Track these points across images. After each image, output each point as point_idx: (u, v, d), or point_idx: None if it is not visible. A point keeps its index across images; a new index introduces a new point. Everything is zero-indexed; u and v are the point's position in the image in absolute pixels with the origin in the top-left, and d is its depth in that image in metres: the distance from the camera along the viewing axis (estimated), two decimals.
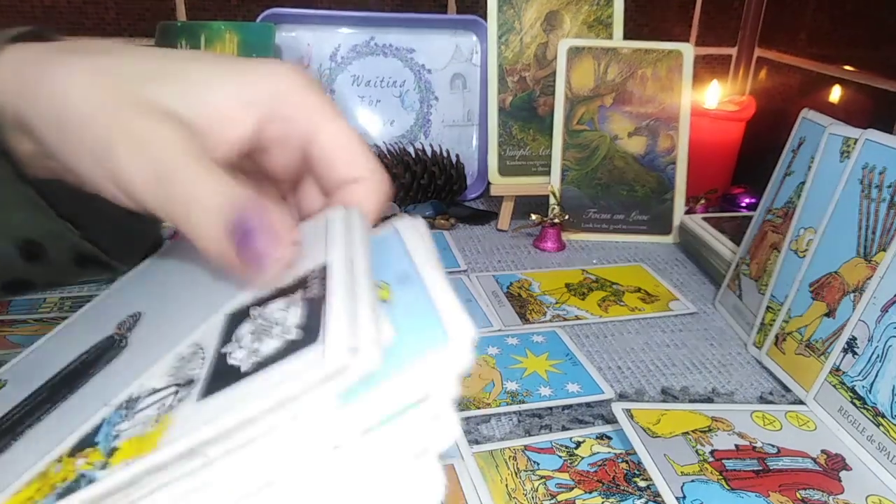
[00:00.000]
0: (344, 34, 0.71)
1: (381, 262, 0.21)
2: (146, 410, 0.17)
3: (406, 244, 0.22)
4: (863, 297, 0.38)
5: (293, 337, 0.17)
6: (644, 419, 0.37)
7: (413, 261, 0.21)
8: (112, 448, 0.17)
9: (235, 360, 0.18)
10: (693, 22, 0.81)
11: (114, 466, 0.16)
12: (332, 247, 0.20)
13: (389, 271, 0.21)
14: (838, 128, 0.43)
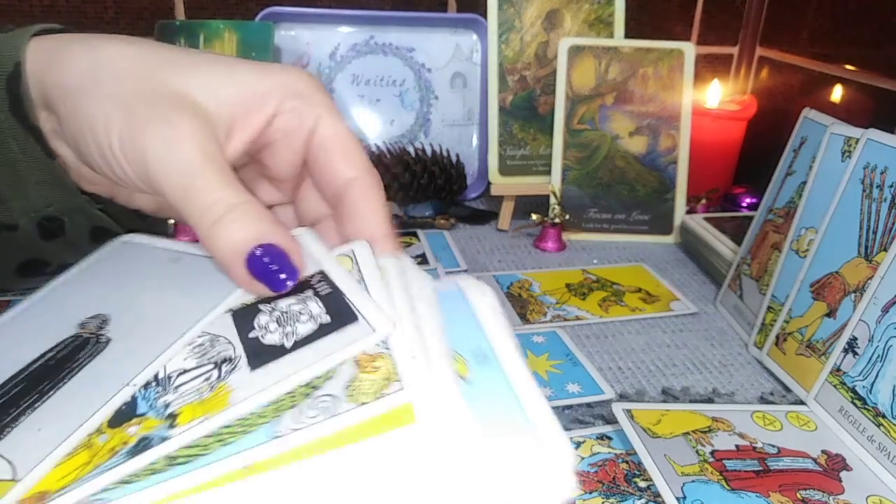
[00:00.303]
0: (343, 33, 0.71)
1: (451, 328, 0.21)
2: (189, 384, 0.20)
3: (477, 313, 0.22)
4: (864, 297, 0.38)
5: (326, 321, 0.21)
6: (644, 419, 0.37)
7: (489, 338, 0.21)
8: (169, 414, 0.19)
9: (272, 341, 0.21)
10: (694, 21, 0.81)
11: (184, 425, 0.19)
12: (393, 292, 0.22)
13: (463, 343, 0.21)
14: (840, 127, 0.43)
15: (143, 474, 0.18)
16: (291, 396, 0.19)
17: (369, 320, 0.21)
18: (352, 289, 0.22)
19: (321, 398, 0.19)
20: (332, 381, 0.19)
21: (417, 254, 0.59)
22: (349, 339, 0.21)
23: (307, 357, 0.20)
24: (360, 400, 0.19)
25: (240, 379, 0.20)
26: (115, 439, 0.19)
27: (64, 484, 0.18)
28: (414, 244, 0.61)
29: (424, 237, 0.62)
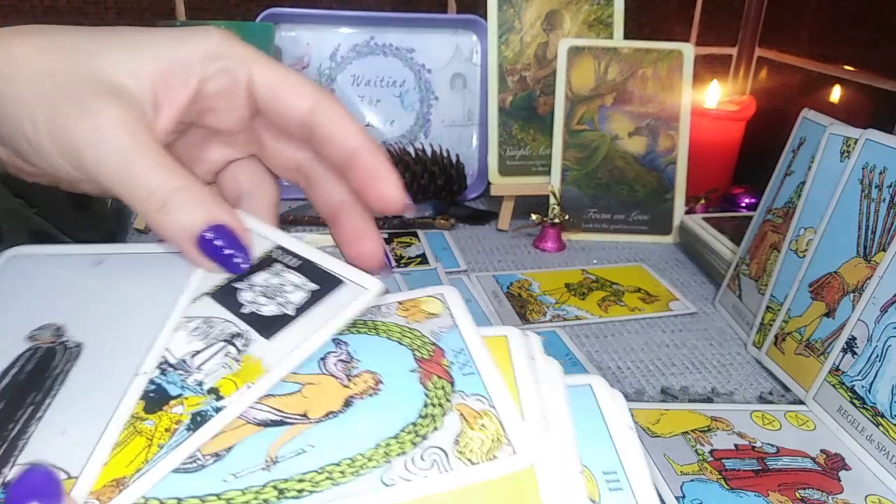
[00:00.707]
0: (344, 34, 0.71)
1: (581, 440, 0.20)
2: (210, 362, 0.21)
3: (609, 425, 0.21)
4: (862, 296, 0.38)
5: (314, 287, 0.23)
6: (644, 419, 0.37)
7: (623, 462, 0.20)
8: (210, 389, 0.20)
9: (271, 312, 0.22)
10: (693, 21, 0.81)
11: (231, 395, 0.20)
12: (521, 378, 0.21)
13: (594, 460, 0.20)
14: (839, 128, 0.43)
15: (254, 502, 0.18)
16: (399, 442, 0.19)
17: (356, 281, 0.23)
18: (320, 257, 0.24)
19: (431, 450, 0.19)
20: (439, 432, 0.19)
21: (417, 253, 0.59)
22: (347, 299, 0.22)
23: (317, 318, 0.22)
24: (472, 460, 0.18)
25: (262, 348, 0.21)
26: (164, 421, 0.19)
27: (137, 467, 0.18)
28: (414, 244, 0.61)
29: (424, 237, 0.63)
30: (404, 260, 0.58)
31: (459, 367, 0.21)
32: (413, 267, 0.56)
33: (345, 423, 0.20)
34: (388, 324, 0.24)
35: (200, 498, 0.18)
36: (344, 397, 0.21)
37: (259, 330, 0.22)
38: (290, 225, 0.65)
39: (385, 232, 0.63)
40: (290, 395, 0.21)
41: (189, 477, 0.18)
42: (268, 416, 0.20)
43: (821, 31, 0.70)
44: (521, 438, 0.19)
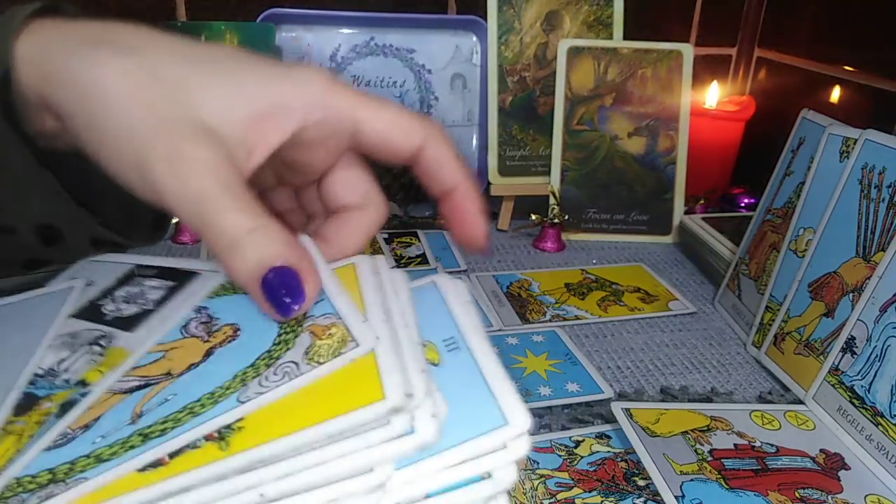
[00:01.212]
0: (344, 34, 0.71)
1: (425, 321, 0.22)
2: (76, 363, 0.22)
3: (449, 306, 0.24)
4: (862, 296, 0.38)
5: (171, 284, 0.25)
6: (643, 418, 0.37)
7: (459, 328, 0.23)
8: (77, 381, 0.22)
9: (133, 311, 0.24)
10: (693, 22, 0.81)
11: (97, 381, 0.21)
12: (368, 291, 0.23)
13: (435, 333, 0.23)
14: (838, 128, 0.43)
15: (120, 451, 0.19)
16: (254, 368, 0.21)
17: (211, 269, 0.25)
18: (175, 262, 0.26)
19: (283, 365, 0.20)
20: (291, 351, 0.21)
21: (417, 253, 0.59)
22: (202, 281, 0.24)
23: (176, 304, 0.24)
24: (320, 361, 0.20)
25: (126, 339, 0.23)
26: (34, 416, 0.20)
27: (9, 457, 0.19)
28: (414, 244, 0.61)
29: (424, 237, 0.63)
30: (404, 260, 0.58)
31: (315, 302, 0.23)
32: (413, 267, 0.56)
33: (205, 370, 0.21)
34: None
35: (70, 462, 0.19)
36: (204, 350, 0.22)
37: (123, 327, 0.23)
38: None
39: (385, 232, 0.63)
40: (154, 363, 0.22)
41: (60, 450, 0.19)
42: (132, 383, 0.21)
43: (820, 31, 0.70)
44: (363, 333, 0.21)
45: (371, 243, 0.61)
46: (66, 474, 0.19)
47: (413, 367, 0.19)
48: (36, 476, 0.19)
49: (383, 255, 0.26)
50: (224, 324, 0.23)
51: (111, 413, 0.20)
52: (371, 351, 0.20)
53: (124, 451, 0.19)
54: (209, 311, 0.24)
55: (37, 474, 0.19)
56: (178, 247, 0.59)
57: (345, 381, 0.20)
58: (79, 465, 0.19)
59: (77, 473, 0.19)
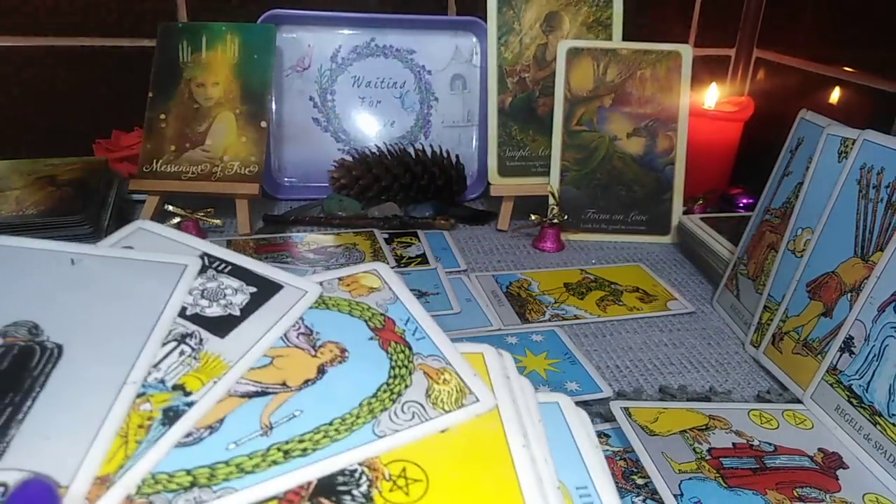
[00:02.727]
0: (345, 35, 0.71)
1: (554, 454, 0.22)
2: (167, 360, 0.22)
3: (578, 444, 0.24)
4: (860, 296, 0.38)
5: (253, 290, 0.25)
6: (642, 417, 0.37)
7: (592, 478, 0.22)
8: (174, 385, 0.21)
9: (216, 313, 0.24)
10: (692, 23, 0.81)
11: (198, 391, 0.21)
12: (500, 391, 0.23)
13: (567, 475, 0.22)
14: (836, 128, 0.43)
15: (262, 464, 0.19)
16: (379, 400, 0.21)
17: (294, 284, 0.25)
18: (248, 262, 0.26)
19: (409, 403, 0.21)
20: (410, 389, 0.22)
21: (418, 253, 0.59)
22: (290, 300, 0.25)
23: (266, 318, 0.24)
24: (445, 409, 0.21)
25: (218, 346, 0.23)
26: (134, 418, 0.20)
27: (119, 464, 0.19)
28: (414, 244, 0.61)
29: (424, 237, 0.63)
30: (404, 260, 0.58)
31: (411, 334, 0.24)
32: (413, 267, 0.57)
33: (324, 389, 0.22)
34: (335, 298, 0.26)
35: (209, 466, 0.19)
36: (316, 366, 0.23)
37: (210, 329, 0.23)
38: (292, 225, 0.65)
39: (385, 232, 0.64)
40: (263, 368, 0.22)
41: (190, 450, 0.20)
42: (248, 388, 0.22)
43: (818, 32, 0.71)
44: (480, 389, 0.22)
45: (371, 243, 0.61)
46: (209, 480, 0.19)
47: None
48: (173, 475, 0.19)
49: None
50: (327, 340, 0.24)
51: (235, 418, 0.21)
52: (495, 413, 0.21)
53: (267, 465, 0.19)
54: (305, 321, 0.24)
55: (173, 473, 0.19)
56: None
57: (488, 499, 0.19)
58: (220, 471, 0.19)
59: (222, 481, 0.19)
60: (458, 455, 0.20)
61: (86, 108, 0.72)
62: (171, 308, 0.24)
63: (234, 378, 0.22)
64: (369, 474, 0.19)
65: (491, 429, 0.21)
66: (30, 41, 0.68)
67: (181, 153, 0.62)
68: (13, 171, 0.59)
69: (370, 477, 0.19)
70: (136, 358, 0.22)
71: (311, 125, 0.72)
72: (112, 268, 0.26)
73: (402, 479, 0.19)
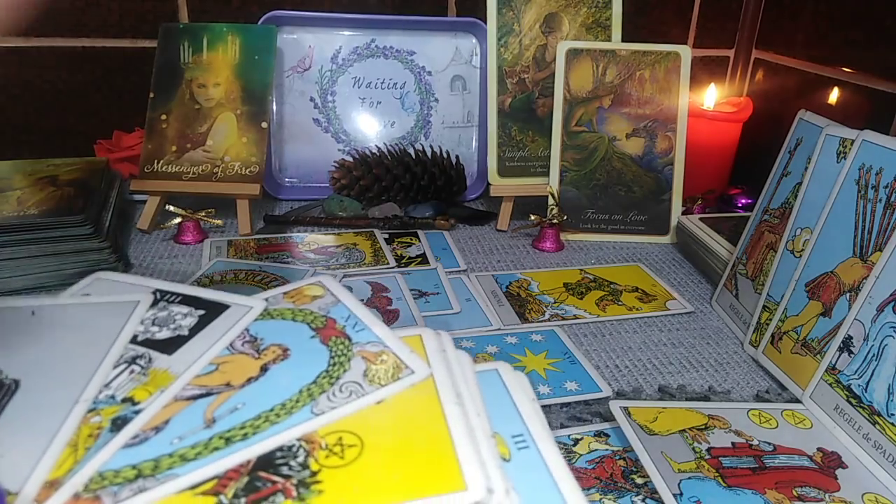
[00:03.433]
0: (345, 36, 0.71)
1: (492, 412, 0.23)
2: (116, 380, 0.23)
3: (515, 400, 0.25)
4: (859, 296, 0.38)
5: (202, 312, 0.26)
6: (641, 417, 0.37)
7: (528, 426, 0.24)
8: (123, 398, 0.22)
9: (166, 335, 0.25)
10: (691, 24, 0.82)
11: (146, 400, 0.22)
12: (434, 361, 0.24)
13: (503, 427, 0.23)
14: (835, 129, 0.43)
15: (205, 451, 0.20)
16: (318, 385, 0.23)
17: (240, 303, 0.27)
18: (197, 291, 0.27)
19: (346, 384, 0.22)
20: (349, 372, 0.23)
21: (418, 253, 0.59)
22: (237, 315, 0.26)
23: (214, 332, 0.25)
24: (381, 383, 0.22)
25: (166, 362, 0.24)
26: (84, 430, 0.21)
27: (68, 468, 0.20)
28: (414, 244, 0.61)
29: (424, 237, 0.63)
30: (405, 260, 0.58)
31: (351, 327, 0.25)
32: (413, 267, 0.57)
33: (266, 383, 0.23)
34: (279, 309, 0.27)
35: (154, 459, 0.20)
36: (259, 366, 0.24)
37: (159, 349, 0.25)
38: (292, 225, 0.65)
39: (385, 232, 0.64)
40: (208, 374, 0.24)
41: (137, 449, 0.21)
42: (193, 392, 0.23)
43: (817, 33, 0.71)
44: (415, 362, 0.23)
45: (371, 243, 0.61)
46: (153, 470, 0.20)
47: (491, 461, 0.20)
48: (119, 471, 0.20)
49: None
50: (271, 343, 0.25)
51: (180, 418, 0.22)
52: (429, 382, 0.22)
53: (209, 451, 0.20)
54: (250, 331, 0.26)
55: (119, 469, 0.20)
56: (180, 246, 0.59)
57: (421, 455, 0.20)
58: (164, 462, 0.20)
59: (165, 470, 0.20)
60: (393, 419, 0.22)
61: (87, 109, 0.72)
62: (123, 337, 0.26)
63: (180, 386, 0.23)
64: (306, 447, 0.20)
65: (426, 395, 0.23)
66: (31, 41, 0.68)
67: (182, 154, 0.63)
68: (14, 171, 0.59)
69: (307, 449, 0.20)
70: (88, 381, 0.23)
71: (311, 126, 0.73)
72: (70, 312, 0.28)
73: (339, 446, 0.20)
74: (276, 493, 0.19)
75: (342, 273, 0.54)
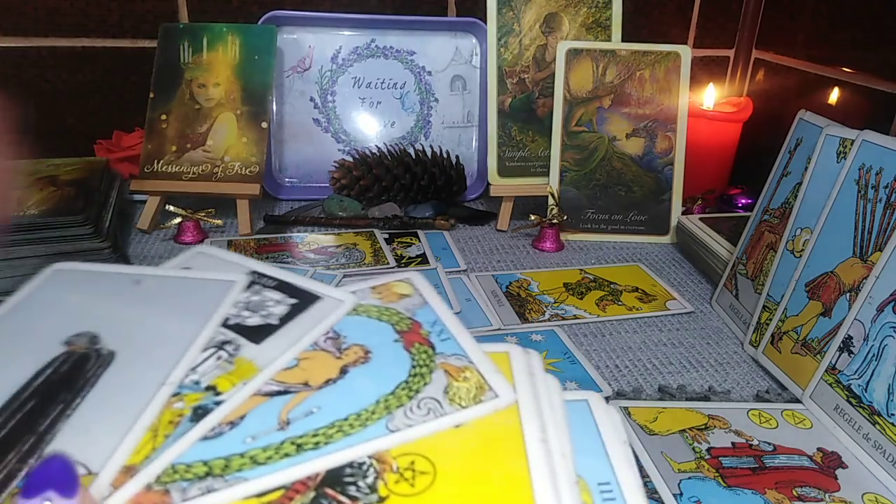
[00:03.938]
0: (345, 36, 0.72)
1: (577, 451, 0.22)
2: (204, 365, 0.23)
3: (605, 441, 0.23)
4: (859, 296, 0.38)
5: (294, 302, 0.26)
6: (641, 417, 0.37)
7: (616, 475, 0.21)
8: (207, 386, 0.22)
9: (256, 322, 0.25)
10: (691, 24, 0.82)
11: (228, 391, 0.22)
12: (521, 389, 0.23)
13: (589, 471, 0.21)
14: (835, 129, 0.43)
15: (275, 456, 0.20)
16: (396, 397, 0.22)
17: (332, 295, 0.26)
18: (294, 278, 0.27)
19: (425, 400, 0.22)
20: (429, 386, 0.22)
21: (418, 253, 0.59)
22: (326, 310, 0.25)
23: (302, 325, 0.24)
24: (462, 404, 0.21)
25: (252, 352, 0.23)
26: (167, 415, 0.21)
27: (145, 455, 0.20)
28: (414, 244, 0.61)
29: (424, 237, 0.63)
30: (405, 260, 0.58)
31: (437, 335, 0.24)
32: (413, 267, 0.57)
33: (344, 387, 0.22)
34: (365, 306, 0.27)
35: (225, 458, 0.20)
36: (339, 366, 0.23)
37: (248, 337, 0.24)
38: (292, 225, 0.65)
39: (385, 232, 0.64)
40: (288, 370, 0.23)
41: (211, 443, 0.20)
42: (272, 387, 0.22)
43: (817, 33, 0.71)
44: (500, 385, 0.22)
45: (372, 243, 0.61)
46: (223, 470, 0.19)
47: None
48: (191, 466, 0.20)
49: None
50: (353, 343, 0.24)
51: (255, 415, 0.21)
52: (514, 409, 0.21)
53: (279, 457, 0.20)
54: (334, 328, 0.25)
55: (191, 464, 0.20)
56: (180, 246, 0.59)
57: (496, 492, 0.19)
58: (234, 463, 0.20)
59: (235, 472, 0.19)
60: (471, 448, 0.20)
61: (87, 109, 0.72)
62: (216, 319, 0.25)
63: (262, 380, 0.22)
64: (377, 466, 0.20)
65: (508, 424, 0.21)
66: (31, 41, 0.68)
67: (182, 154, 0.63)
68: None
69: (377, 469, 0.19)
70: (177, 362, 0.23)
71: (311, 126, 0.73)
72: (169, 285, 0.28)
73: (410, 471, 0.19)
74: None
75: (342, 273, 0.54)
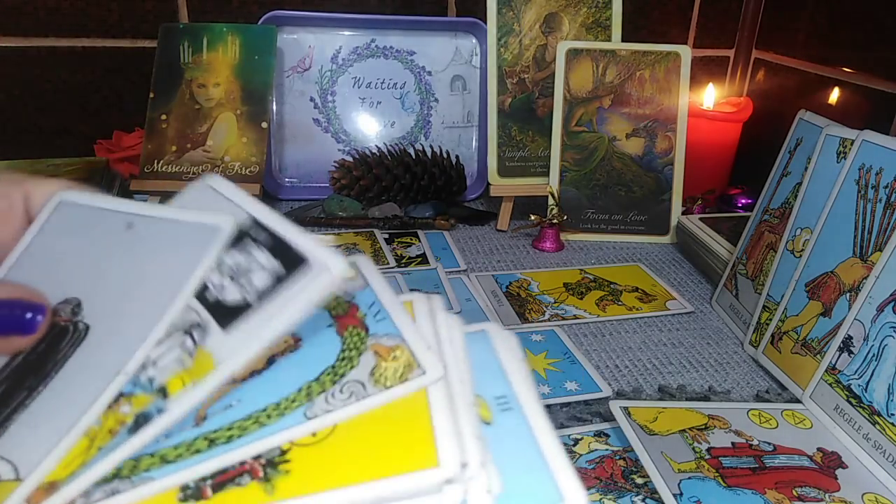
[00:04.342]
0: (345, 36, 0.72)
1: (476, 373, 0.22)
2: (167, 356, 0.21)
3: (501, 360, 0.23)
4: (859, 296, 0.38)
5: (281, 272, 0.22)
6: (641, 417, 0.37)
7: (513, 387, 0.22)
8: (158, 388, 0.20)
9: (234, 297, 0.22)
10: (691, 24, 0.82)
11: (174, 395, 0.20)
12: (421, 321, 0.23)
13: (486, 388, 0.22)
14: (835, 129, 0.43)
15: (185, 454, 0.19)
16: (319, 383, 0.21)
17: (321, 260, 0.22)
18: (289, 230, 0.23)
19: (349, 384, 0.21)
20: (356, 369, 0.21)
21: (418, 253, 0.59)
22: (307, 283, 0.22)
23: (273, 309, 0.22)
24: (386, 385, 0.20)
25: (216, 342, 0.21)
26: (110, 420, 0.20)
27: (71, 471, 0.19)
28: (414, 244, 0.61)
29: (424, 237, 0.63)
30: (405, 260, 0.58)
31: (373, 316, 0.23)
32: (413, 267, 0.57)
33: (267, 378, 0.21)
34: None
35: (135, 459, 0.19)
36: (266, 357, 0.22)
37: (218, 319, 0.22)
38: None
39: (386, 232, 0.64)
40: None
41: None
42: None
43: (817, 33, 0.71)
44: (429, 360, 0.21)
45: (372, 243, 0.61)
46: (131, 471, 0.19)
47: (468, 433, 0.19)
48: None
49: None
50: None
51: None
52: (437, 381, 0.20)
53: (190, 454, 0.19)
54: None
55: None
56: None
57: (396, 428, 0.19)
58: (143, 463, 0.19)
59: (142, 472, 0.19)
60: None
61: (87, 109, 0.72)
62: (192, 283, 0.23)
63: (213, 383, 0.21)
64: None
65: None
66: (31, 41, 0.68)
67: (182, 154, 0.63)
68: (14, 171, 0.59)
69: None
70: (141, 344, 0.21)
71: (311, 126, 0.73)
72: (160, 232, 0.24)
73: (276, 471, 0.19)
74: (243, 475, 0.18)
75: None
